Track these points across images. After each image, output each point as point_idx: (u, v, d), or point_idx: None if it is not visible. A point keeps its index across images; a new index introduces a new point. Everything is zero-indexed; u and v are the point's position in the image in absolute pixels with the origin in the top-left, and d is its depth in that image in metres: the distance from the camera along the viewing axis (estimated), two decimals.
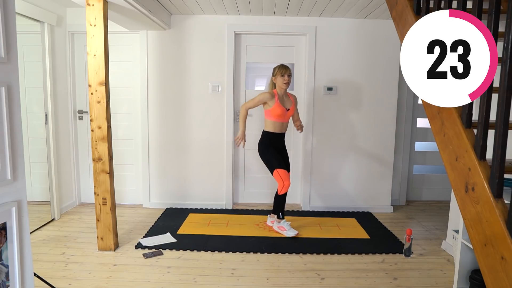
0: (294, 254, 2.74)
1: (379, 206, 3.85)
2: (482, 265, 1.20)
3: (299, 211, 3.80)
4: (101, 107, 2.59)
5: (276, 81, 3.03)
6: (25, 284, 1.39)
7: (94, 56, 2.54)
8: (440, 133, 1.50)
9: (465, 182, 1.30)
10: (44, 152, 3.32)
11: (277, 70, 3.02)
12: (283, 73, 2.98)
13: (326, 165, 3.82)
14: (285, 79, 2.98)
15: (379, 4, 3.11)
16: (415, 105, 4.07)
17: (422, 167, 4.37)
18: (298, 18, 3.63)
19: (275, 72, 3.03)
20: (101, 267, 2.48)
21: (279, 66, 3.03)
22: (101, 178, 2.66)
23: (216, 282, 2.32)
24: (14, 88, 1.30)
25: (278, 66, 3.03)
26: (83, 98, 3.78)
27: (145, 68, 3.68)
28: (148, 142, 3.78)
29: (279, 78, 3.00)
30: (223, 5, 3.26)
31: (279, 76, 2.99)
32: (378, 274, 2.46)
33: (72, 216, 3.50)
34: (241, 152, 3.92)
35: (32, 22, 3.07)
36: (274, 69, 3.05)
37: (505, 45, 1.10)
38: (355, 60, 3.69)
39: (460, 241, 2.15)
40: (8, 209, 1.29)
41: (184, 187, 3.85)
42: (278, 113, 3.00)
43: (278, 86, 3.03)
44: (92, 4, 2.49)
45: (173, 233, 3.10)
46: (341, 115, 3.75)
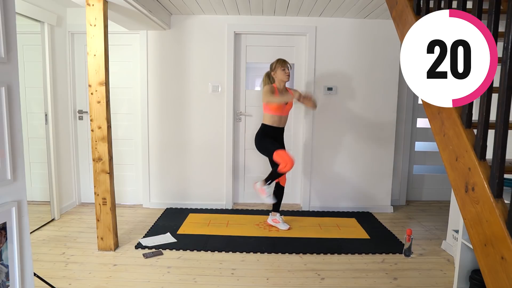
0: (294, 254, 2.74)
1: (379, 206, 3.85)
2: (482, 265, 1.20)
3: (299, 211, 3.80)
4: (101, 107, 2.59)
5: (276, 75, 3.02)
6: (25, 284, 1.39)
7: (94, 56, 2.54)
8: (440, 133, 1.50)
9: (465, 182, 1.30)
10: (44, 152, 3.32)
11: (276, 63, 3.02)
12: (284, 66, 2.99)
13: (326, 165, 3.82)
14: (286, 72, 2.99)
15: (379, 4, 3.11)
16: (415, 105, 4.07)
17: (422, 167, 4.37)
18: (298, 18, 3.63)
19: (274, 66, 3.03)
20: (101, 267, 2.48)
21: (277, 60, 3.03)
22: (101, 178, 2.66)
23: (216, 282, 2.32)
24: (14, 88, 1.30)
25: (276, 60, 3.04)
26: (83, 98, 3.78)
27: (145, 68, 3.68)
28: (148, 142, 3.78)
29: (280, 71, 3.00)
30: (223, 5, 3.26)
31: (280, 69, 2.99)
32: (378, 274, 2.46)
33: (72, 216, 3.50)
34: (241, 152, 3.92)
35: (32, 22, 3.07)
36: (272, 64, 3.06)
37: (505, 45, 1.10)
38: (355, 60, 3.69)
39: (460, 241, 2.15)
40: (8, 209, 1.29)
41: (184, 187, 3.85)
42: (279, 107, 3.00)
43: (279, 80, 3.03)
44: (92, 4, 2.49)
45: (173, 233, 3.10)
46: (341, 115, 3.75)
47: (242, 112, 3.86)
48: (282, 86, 3.07)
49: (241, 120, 3.87)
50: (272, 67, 3.06)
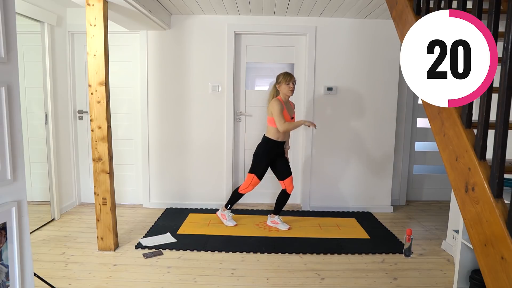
0: (294, 254, 2.74)
1: (379, 206, 3.85)
2: (482, 265, 1.20)
3: (299, 211, 3.80)
4: (101, 107, 2.59)
5: (281, 89, 3.02)
6: (25, 284, 1.39)
7: (94, 56, 2.54)
8: (440, 133, 1.50)
9: (465, 182, 1.30)
10: (44, 152, 3.32)
11: (282, 77, 3.00)
12: (288, 81, 2.98)
13: (326, 165, 3.82)
14: (290, 87, 2.99)
15: (379, 4, 3.11)
16: (415, 105, 4.07)
17: (422, 167, 4.37)
18: (298, 18, 3.63)
19: (279, 80, 3.02)
20: (101, 267, 2.48)
21: (283, 74, 3.01)
22: (101, 178, 2.66)
23: (216, 282, 2.32)
24: (14, 88, 1.30)
25: (282, 74, 3.02)
26: (83, 98, 3.78)
27: (145, 68, 3.68)
28: (148, 142, 3.78)
29: (285, 86, 2.99)
30: (223, 5, 3.26)
31: (284, 84, 2.99)
32: (378, 274, 2.46)
33: (72, 216, 3.50)
34: (241, 152, 3.92)
35: (32, 22, 3.07)
36: (278, 77, 3.04)
37: (505, 45, 1.10)
38: (355, 60, 3.69)
39: (460, 241, 2.15)
40: (8, 209, 1.29)
41: (184, 187, 3.85)
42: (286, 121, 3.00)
43: (283, 93, 3.02)
44: (92, 4, 2.49)
45: (173, 233, 3.10)
46: (341, 115, 3.75)
47: (242, 112, 3.86)
48: (287, 99, 3.08)
49: (241, 120, 3.87)
50: (277, 80, 3.04)
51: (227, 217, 3.29)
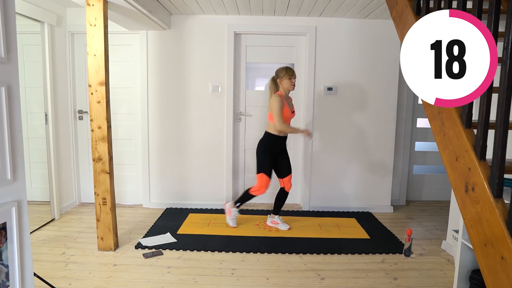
0: (294, 254, 2.74)
1: (379, 206, 3.85)
2: (482, 265, 1.20)
3: (299, 211, 3.80)
4: (101, 107, 2.59)
5: (282, 83, 2.99)
6: (25, 284, 1.39)
7: (94, 56, 2.55)
8: (440, 133, 1.50)
9: (465, 182, 1.30)
10: (44, 152, 3.32)
11: (284, 72, 2.97)
12: (291, 76, 2.97)
13: (326, 165, 3.82)
14: (293, 82, 2.98)
15: (379, 4, 3.11)
16: (415, 105, 4.07)
17: (422, 167, 4.37)
18: (298, 18, 3.63)
19: (281, 75, 2.98)
20: (101, 267, 2.48)
21: (286, 69, 2.97)
22: (101, 178, 2.66)
23: (216, 282, 2.32)
24: (14, 88, 1.30)
25: (284, 69, 2.98)
26: (83, 98, 3.78)
27: (145, 68, 3.68)
28: (148, 142, 3.78)
29: (287, 81, 2.97)
30: (223, 5, 3.26)
31: (287, 78, 2.96)
32: (378, 274, 2.46)
33: (72, 216, 3.50)
34: (241, 152, 3.92)
35: (32, 22, 3.07)
36: (279, 72, 2.99)
37: (505, 45, 1.10)
38: (355, 60, 3.69)
39: (460, 241, 2.15)
40: (8, 209, 1.29)
41: (184, 187, 3.85)
42: (286, 116, 2.98)
43: (285, 88, 3.00)
44: (92, 4, 2.49)
45: (173, 233, 3.10)
46: (341, 115, 3.75)
47: (242, 112, 3.86)
48: (287, 94, 3.06)
49: (241, 120, 3.87)
50: (278, 75, 3.01)
51: (232, 215, 3.26)
